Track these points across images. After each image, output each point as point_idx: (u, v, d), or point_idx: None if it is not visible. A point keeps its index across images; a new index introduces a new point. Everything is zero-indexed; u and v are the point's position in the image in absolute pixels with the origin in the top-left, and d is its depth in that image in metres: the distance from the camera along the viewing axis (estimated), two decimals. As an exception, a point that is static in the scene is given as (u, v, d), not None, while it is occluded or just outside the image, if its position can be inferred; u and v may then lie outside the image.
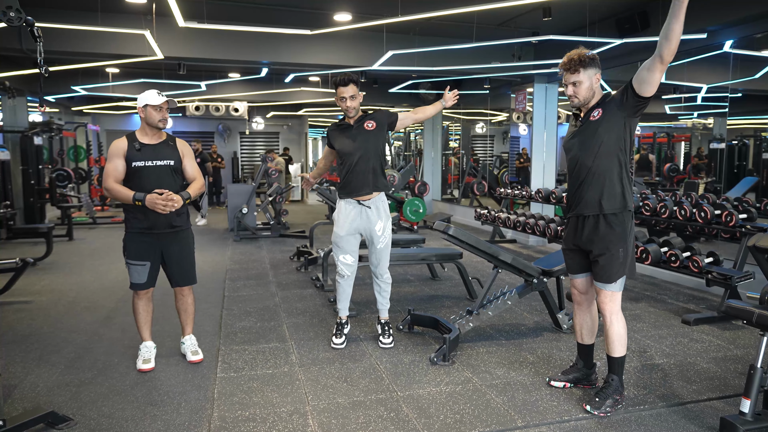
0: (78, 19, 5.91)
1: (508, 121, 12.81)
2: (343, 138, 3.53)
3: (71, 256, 6.83)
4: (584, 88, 2.67)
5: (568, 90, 2.72)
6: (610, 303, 2.70)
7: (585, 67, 2.65)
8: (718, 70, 6.86)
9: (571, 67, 2.67)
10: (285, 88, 10.56)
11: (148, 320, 3.31)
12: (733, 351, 3.60)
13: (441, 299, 4.85)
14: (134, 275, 3.18)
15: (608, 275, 2.67)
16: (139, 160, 3.07)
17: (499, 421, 2.64)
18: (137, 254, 3.15)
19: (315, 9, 6.24)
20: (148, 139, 3.15)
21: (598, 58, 2.70)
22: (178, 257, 3.22)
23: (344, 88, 3.40)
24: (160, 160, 3.12)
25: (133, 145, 3.09)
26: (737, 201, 4.98)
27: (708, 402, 2.86)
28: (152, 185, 3.05)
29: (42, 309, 4.47)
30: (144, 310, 3.27)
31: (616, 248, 2.65)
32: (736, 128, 10.69)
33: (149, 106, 3.09)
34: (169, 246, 3.19)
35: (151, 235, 3.13)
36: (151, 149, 3.12)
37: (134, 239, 3.15)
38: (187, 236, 3.28)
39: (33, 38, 2.65)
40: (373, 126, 3.51)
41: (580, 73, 2.66)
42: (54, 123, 9.10)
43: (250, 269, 6.06)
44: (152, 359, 3.28)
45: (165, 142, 3.19)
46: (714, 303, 4.69)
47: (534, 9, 5.90)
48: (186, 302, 3.37)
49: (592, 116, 2.68)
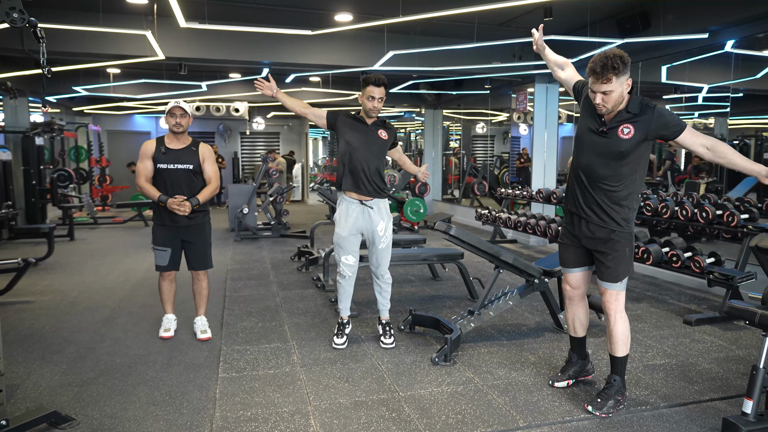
0: (79, 20, 5.91)
1: (509, 121, 12.80)
2: (354, 132, 3.51)
3: (72, 256, 6.84)
4: (615, 96, 2.43)
5: (597, 98, 2.46)
6: (615, 302, 2.70)
7: (618, 74, 2.38)
8: (720, 70, 6.85)
9: (602, 76, 2.38)
10: (286, 88, 10.56)
11: (170, 298, 3.82)
12: (735, 351, 3.60)
13: (442, 299, 4.85)
14: (158, 259, 3.67)
15: (616, 275, 2.66)
16: (163, 163, 3.53)
17: (500, 421, 2.64)
18: (162, 242, 3.63)
19: (316, 9, 6.24)
20: (174, 144, 3.60)
21: (629, 60, 2.41)
22: (195, 244, 3.69)
23: (376, 88, 3.41)
24: (181, 164, 3.56)
25: (159, 149, 3.55)
26: (739, 201, 4.97)
27: (710, 403, 2.86)
28: (172, 185, 3.53)
29: (44, 309, 4.47)
30: (167, 289, 3.79)
31: (623, 248, 2.64)
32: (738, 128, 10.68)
33: (166, 113, 3.54)
34: (188, 234, 3.65)
35: (174, 227, 3.59)
36: (174, 153, 3.56)
37: (160, 230, 3.63)
38: (204, 226, 3.73)
39: (36, 39, 2.65)
40: (385, 136, 3.54)
41: (612, 82, 2.38)
42: (55, 123, 9.11)
43: (251, 269, 6.06)
44: (172, 329, 3.80)
45: (188, 148, 3.62)
46: (716, 303, 4.69)
47: (535, 9, 5.89)
48: (201, 285, 3.82)
49: (621, 132, 2.49)
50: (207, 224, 3.78)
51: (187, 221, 3.59)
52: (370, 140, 3.49)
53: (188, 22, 5.48)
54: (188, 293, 4.42)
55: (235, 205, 8.51)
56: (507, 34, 7.04)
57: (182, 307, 4.30)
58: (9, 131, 8.72)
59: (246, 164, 15.28)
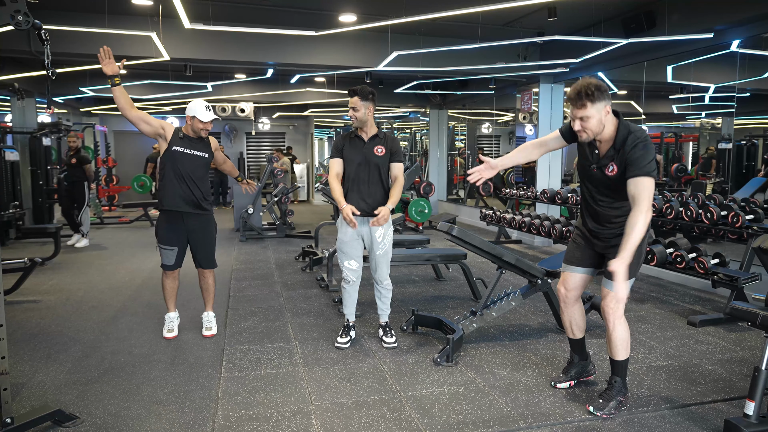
0: (85, 22, 5.96)
1: (514, 121, 12.78)
2: (353, 150, 3.55)
3: (79, 256, 6.89)
4: (593, 123, 2.52)
5: (576, 125, 2.56)
6: (615, 306, 2.68)
7: (593, 100, 2.48)
8: (726, 69, 6.81)
9: (578, 102, 2.50)
10: (291, 88, 10.60)
11: (173, 295, 3.88)
12: (738, 353, 3.58)
13: (445, 300, 4.85)
14: (164, 258, 3.72)
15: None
16: (180, 147, 3.62)
17: (501, 422, 2.64)
18: (167, 240, 3.68)
19: (320, 10, 6.26)
20: (189, 134, 3.72)
21: (607, 89, 2.52)
22: (201, 242, 3.76)
23: (352, 98, 3.46)
24: (197, 151, 3.68)
25: (177, 133, 3.66)
26: (744, 202, 4.95)
27: (712, 404, 2.85)
28: (186, 170, 3.61)
29: (50, 308, 4.52)
30: (170, 287, 3.84)
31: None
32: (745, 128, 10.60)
33: (196, 118, 3.62)
34: (193, 232, 3.70)
35: (177, 217, 3.64)
36: (189, 140, 3.68)
37: (165, 229, 3.67)
38: (209, 222, 3.79)
39: (40, 41, 2.68)
40: (381, 152, 3.54)
41: (587, 108, 2.49)
42: (62, 124, 9.18)
43: (256, 269, 6.09)
44: (175, 329, 3.86)
45: (201, 138, 3.75)
46: (720, 304, 4.67)
47: (539, 9, 5.88)
48: (207, 283, 3.90)
49: (608, 171, 2.60)
50: (212, 221, 3.84)
51: (196, 207, 3.66)
52: (368, 157, 3.51)
53: (193, 23, 5.51)
54: (191, 293, 4.46)
55: (240, 206, 8.55)
56: (511, 34, 7.04)
57: (186, 306, 4.33)
58: (17, 132, 8.80)
59: (252, 164, 15.34)
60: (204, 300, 3.95)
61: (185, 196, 3.62)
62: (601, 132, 2.57)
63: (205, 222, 3.76)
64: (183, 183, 3.61)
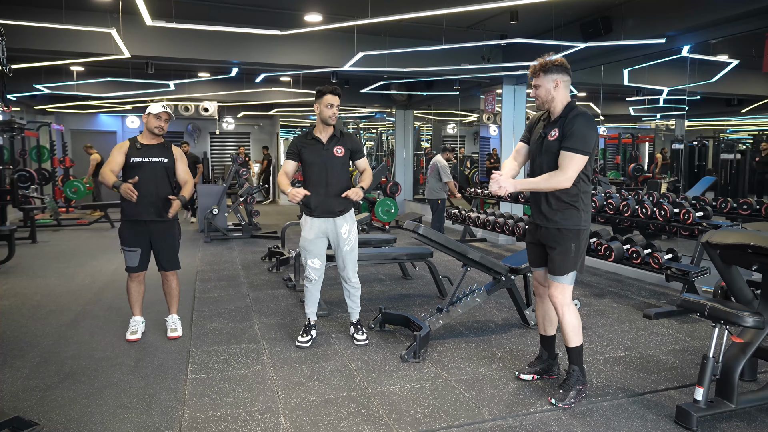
0: (42, 17, 5.77)
1: (479, 121, 12.98)
2: (312, 153, 3.56)
3: (35, 259, 6.66)
4: (542, 91, 2.81)
5: (531, 92, 2.90)
6: (560, 295, 2.82)
7: (546, 72, 2.79)
8: (677, 73, 7.11)
9: (534, 72, 2.84)
10: (256, 88, 10.49)
11: (139, 299, 3.82)
12: (690, 343, 3.76)
13: (412, 298, 4.91)
14: (128, 260, 3.69)
15: (559, 268, 2.79)
16: (138, 157, 3.60)
17: (467, 414, 2.71)
18: (130, 242, 3.66)
19: (285, 9, 6.23)
20: (147, 141, 3.69)
21: (563, 64, 2.80)
22: (164, 245, 3.71)
23: (334, 97, 3.49)
24: (156, 158, 3.64)
25: (134, 145, 3.64)
26: (695, 200, 5.19)
27: (666, 392, 2.99)
28: (147, 179, 3.58)
29: (5, 313, 4.35)
30: (135, 291, 3.79)
31: (569, 243, 2.77)
32: (697, 130, 11.07)
33: (151, 114, 3.64)
34: (156, 235, 3.67)
35: (140, 223, 3.62)
36: (148, 148, 3.65)
37: (128, 230, 3.65)
38: (173, 227, 3.76)
39: (-5, 37, 2.59)
40: (341, 153, 3.57)
41: (539, 77, 2.81)
42: (15, 122, 8.82)
43: (221, 270, 6.01)
44: (139, 331, 3.78)
45: (161, 144, 3.74)
46: (674, 298, 4.88)
47: (502, 12, 6.02)
48: (170, 285, 3.85)
49: (550, 135, 2.80)
50: (177, 224, 3.81)
51: (158, 216, 3.62)
52: (329, 159, 3.53)
53: (155, 21, 5.40)
54: (155, 295, 4.38)
55: (204, 206, 8.41)
56: (475, 36, 7.16)
57: (150, 310, 4.24)
58: (-34, 131, 8.41)
59: (216, 164, 15.09)
60: (168, 303, 3.91)
61: (147, 204, 3.58)
62: (550, 102, 2.81)
63: (169, 225, 3.73)
64: (145, 192, 3.54)
